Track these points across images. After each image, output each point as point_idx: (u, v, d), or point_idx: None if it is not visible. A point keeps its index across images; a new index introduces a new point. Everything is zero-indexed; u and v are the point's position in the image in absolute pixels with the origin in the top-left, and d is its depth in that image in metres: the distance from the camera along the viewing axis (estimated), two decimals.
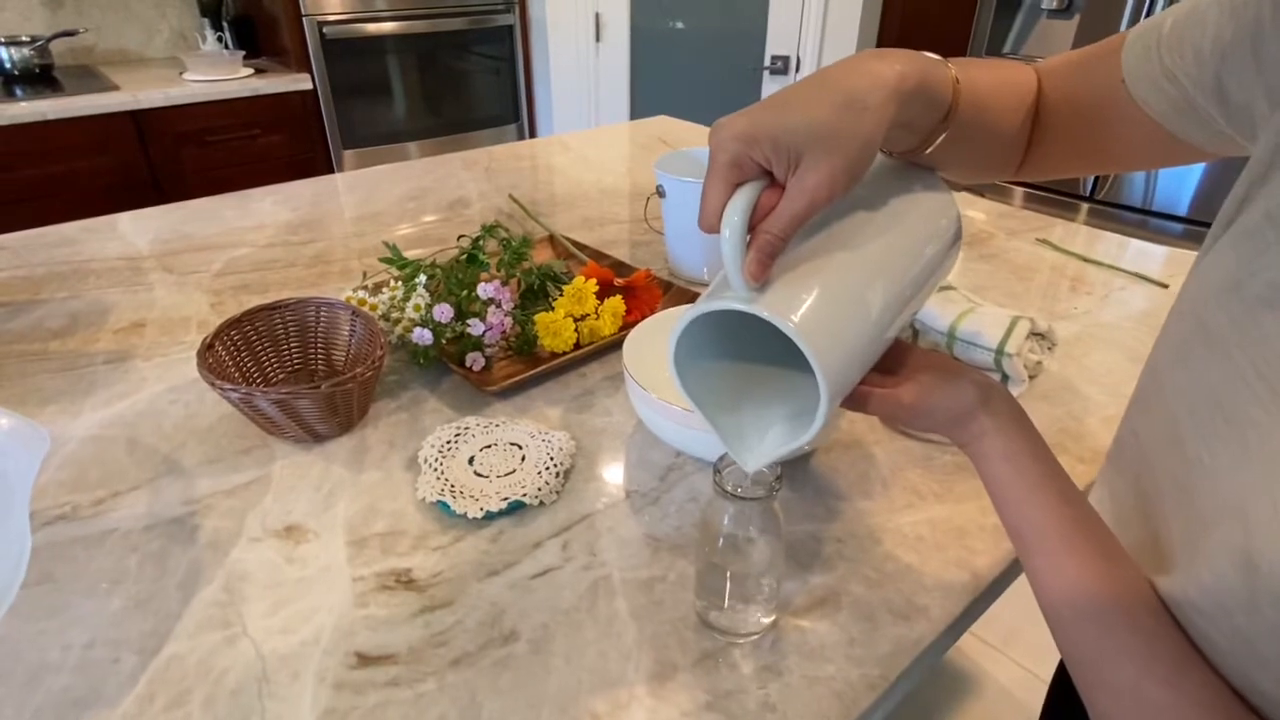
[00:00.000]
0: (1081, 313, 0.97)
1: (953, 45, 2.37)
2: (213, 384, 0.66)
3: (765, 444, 0.45)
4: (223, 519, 0.62)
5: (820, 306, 0.39)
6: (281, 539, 0.60)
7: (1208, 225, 0.43)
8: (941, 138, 0.46)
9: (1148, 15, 1.85)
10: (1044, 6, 2.17)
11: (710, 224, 0.41)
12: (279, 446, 0.71)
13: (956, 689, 1.54)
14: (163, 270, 1.06)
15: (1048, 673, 0.64)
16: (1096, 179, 2.09)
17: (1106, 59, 0.50)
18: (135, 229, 1.20)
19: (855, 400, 0.46)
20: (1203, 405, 0.38)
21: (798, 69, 2.62)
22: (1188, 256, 1.11)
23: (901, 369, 0.47)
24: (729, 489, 0.47)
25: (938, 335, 0.82)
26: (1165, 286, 1.04)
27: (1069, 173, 0.57)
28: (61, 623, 0.53)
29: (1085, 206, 2.14)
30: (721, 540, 0.50)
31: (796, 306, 0.38)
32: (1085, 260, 1.12)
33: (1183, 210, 1.97)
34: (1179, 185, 1.96)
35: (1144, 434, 0.45)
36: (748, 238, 0.40)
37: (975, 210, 1.31)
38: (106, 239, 1.16)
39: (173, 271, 1.05)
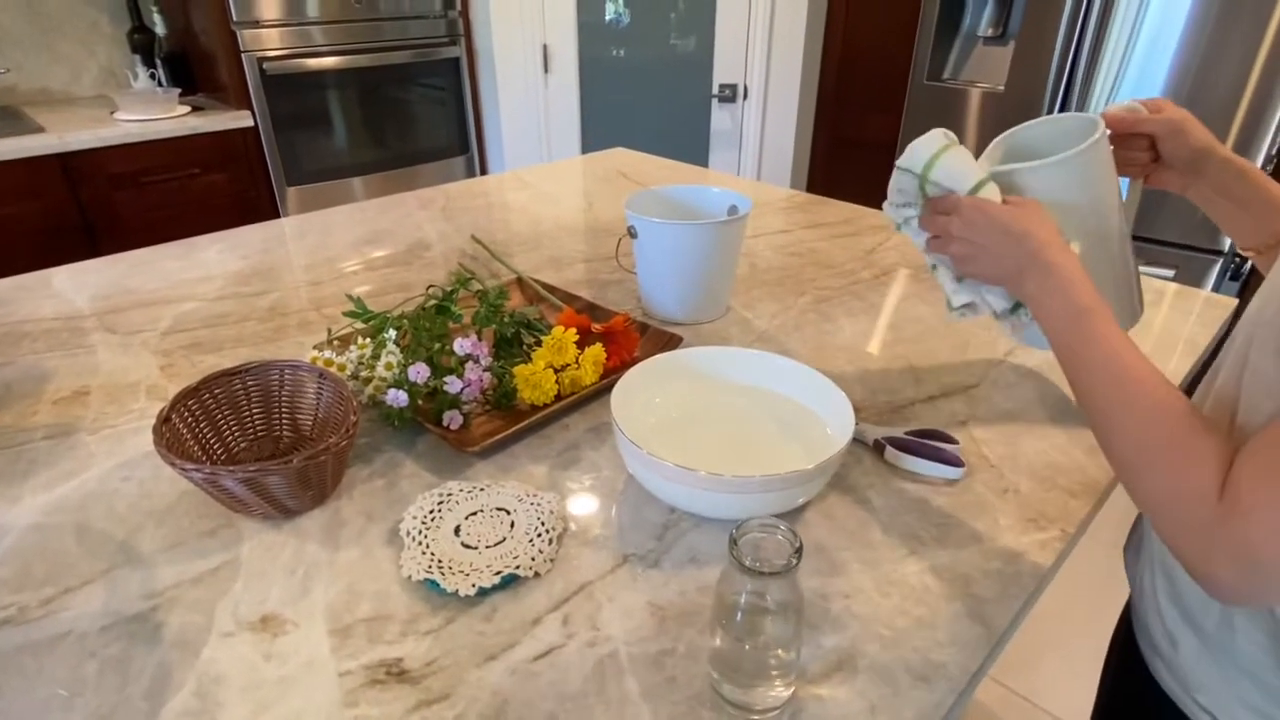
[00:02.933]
0: None
1: (893, 72, 2.44)
2: (173, 464, 0.61)
3: None
4: (190, 612, 0.57)
5: None
6: (257, 632, 0.56)
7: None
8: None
9: (1077, 45, 1.93)
10: (980, 34, 2.26)
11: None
12: (246, 525, 0.66)
13: None
14: (105, 330, 0.99)
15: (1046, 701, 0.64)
16: None
17: None
18: (72, 285, 1.13)
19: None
20: None
21: (745, 97, 2.66)
22: (1152, 282, 1.14)
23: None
24: (746, 563, 0.45)
25: None
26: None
27: None
28: None
29: None
30: (740, 615, 0.47)
31: None
32: None
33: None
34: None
35: None
36: None
37: None
38: (40, 297, 1.09)
39: (116, 331, 0.99)
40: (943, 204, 0.68)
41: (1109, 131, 0.67)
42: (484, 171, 3.06)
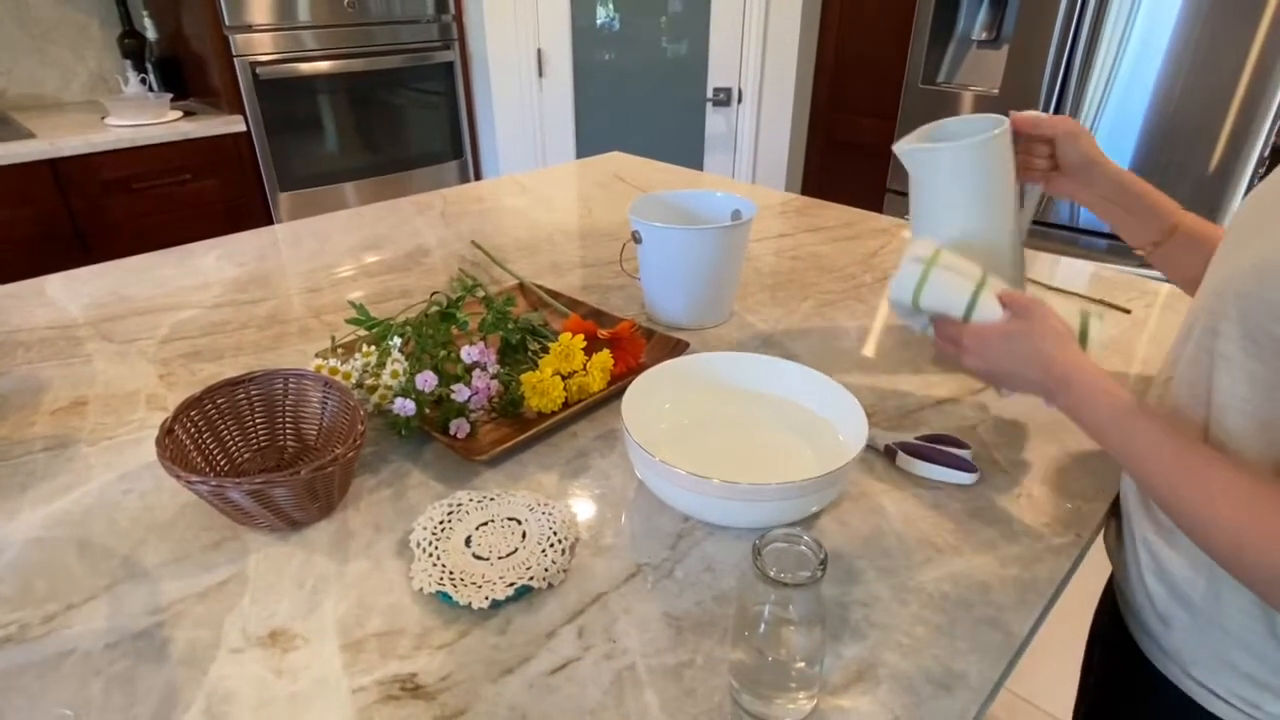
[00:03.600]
0: None
1: (888, 75, 2.45)
2: (177, 476, 0.60)
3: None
4: (197, 628, 0.56)
5: None
6: (266, 648, 0.55)
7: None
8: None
9: (1071, 48, 1.94)
10: (974, 38, 2.26)
11: None
12: (252, 537, 0.65)
13: None
14: (101, 339, 0.98)
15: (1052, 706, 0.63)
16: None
17: None
18: (66, 293, 1.11)
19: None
20: None
21: (740, 100, 2.66)
22: (1147, 283, 1.15)
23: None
24: (771, 574, 0.44)
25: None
26: (1128, 312, 1.06)
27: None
28: None
29: None
30: (763, 627, 0.47)
31: None
32: (1049, 289, 1.14)
33: (1106, 227, 2.06)
34: None
35: None
36: None
37: None
38: (34, 305, 1.07)
39: (113, 340, 0.97)
40: (945, 331, 0.70)
41: (1011, 129, 0.73)
42: (478, 176, 3.05)
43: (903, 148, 0.73)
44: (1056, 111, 2.02)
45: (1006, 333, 0.65)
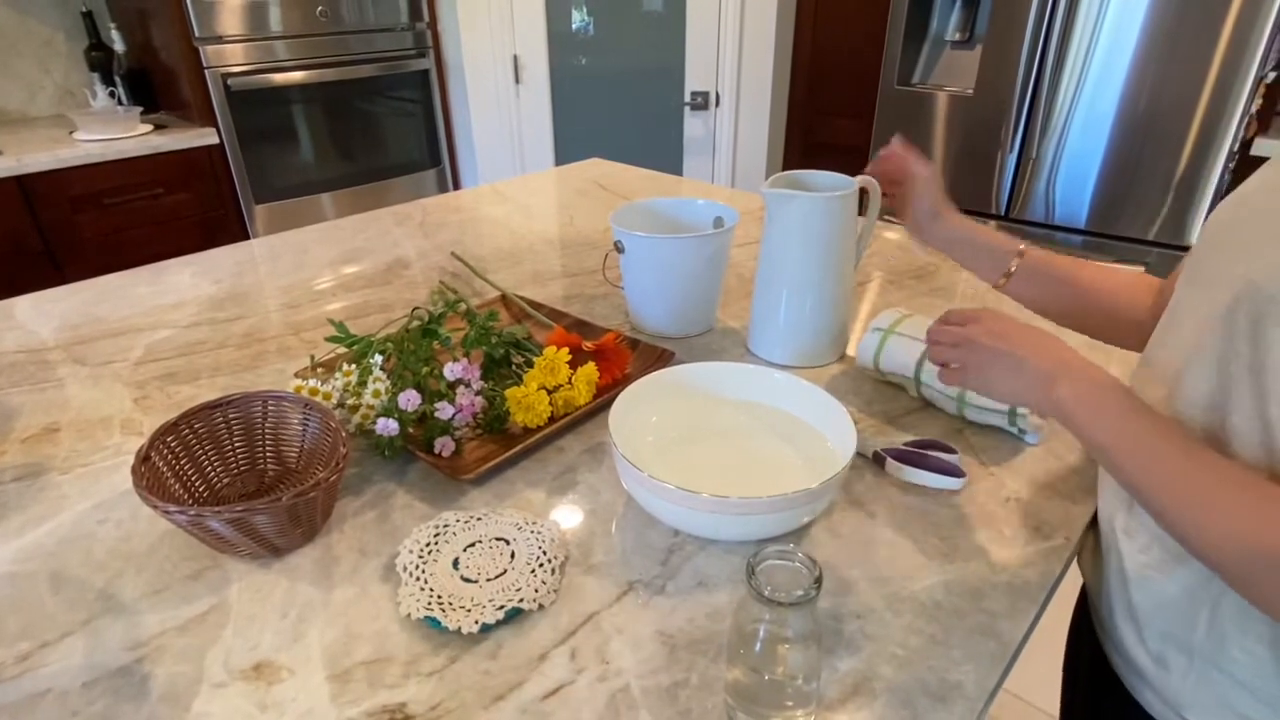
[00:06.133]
0: None
1: (863, 77, 2.46)
2: (154, 505, 0.58)
3: None
4: (178, 663, 0.55)
5: None
6: (250, 681, 0.53)
7: (1105, 236, 0.53)
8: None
9: (1043, 47, 1.96)
10: (947, 39, 2.28)
11: None
12: (233, 566, 0.63)
13: None
14: (73, 362, 0.95)
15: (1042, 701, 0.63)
16: (1010, 197, 2.18)
17: None
18: (36, 314, 1.08)
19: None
20: None
21: (717, 104, 2.67)
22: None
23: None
24: (766, 593, 0.44)
25: (946, 400, 0.81)
26: None
27: None
28: None
29: (994, 224, 2.23)
30: (759, 645, 0.46)
31: None
32: None
33: (1081, 223, 2.08)
34: (1078, 199, 2.07)
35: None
36: None
37: None
38: (2, 329, 1.04)
39: (85, 363, 0.95)
40: (957, 315, 0.69)
41: (860, 188, 0.86)
42: (456, 185, 3.03)
43: (765, 190, 0.86)
44: (1030, 110, 2.04)
45: (1028, 325, 0.63)
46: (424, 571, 0.61)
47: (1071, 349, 0.60)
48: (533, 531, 0.65)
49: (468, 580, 0.60)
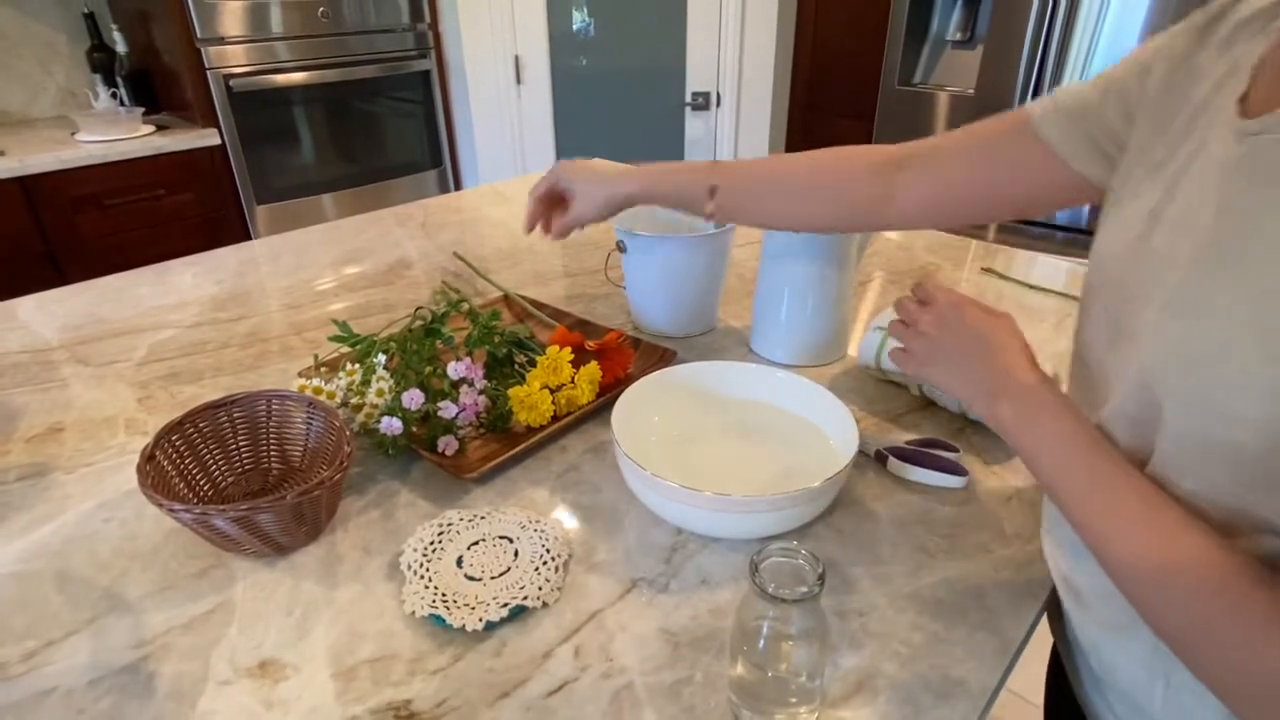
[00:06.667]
0: (1040, 342, 0.99)
1: (864, 77, 2.46)
2: (160, 504, 0.58)
3: None
4: (183, 661, 0.55)
5: None
6: (256, 679, 0.53)
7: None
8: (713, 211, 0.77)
9: (1045, 44, 1.97)
10: (948, 39, 2.28)
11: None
12: (238, 564, 0.64)
13: None
14: (77, 362, 0.96)
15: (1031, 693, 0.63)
16: None
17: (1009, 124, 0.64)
18: (39, 315, 1.08)
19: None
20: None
21: (718, 104, 2.67)
22: None
23: None
24: (770, 590, 0.44)
25: (948, 399, 0.81)
26: None
27: (959, 220, 0.72)
28: None
29: (992, 226, 2.23)
30: (762, 642, 0.46)
31: None
32: (1032, 288, 1.15)
33: (1082, 223, 2.08)
34: None
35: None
36: None
37: (919, 241, 1.33)
38: (6, 329, 1.04)
39: (89, 363, 0.95)
40: (922, 292, 0.64)
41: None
42: (458, 185, 3.03)
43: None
44: None
45: (995, 316, 0.58)
46: (428, 570, 0.61)
47: (1017, 349, 0.55)
48: (536, 530, 0.65)
49: (471, 578, 0.60)
